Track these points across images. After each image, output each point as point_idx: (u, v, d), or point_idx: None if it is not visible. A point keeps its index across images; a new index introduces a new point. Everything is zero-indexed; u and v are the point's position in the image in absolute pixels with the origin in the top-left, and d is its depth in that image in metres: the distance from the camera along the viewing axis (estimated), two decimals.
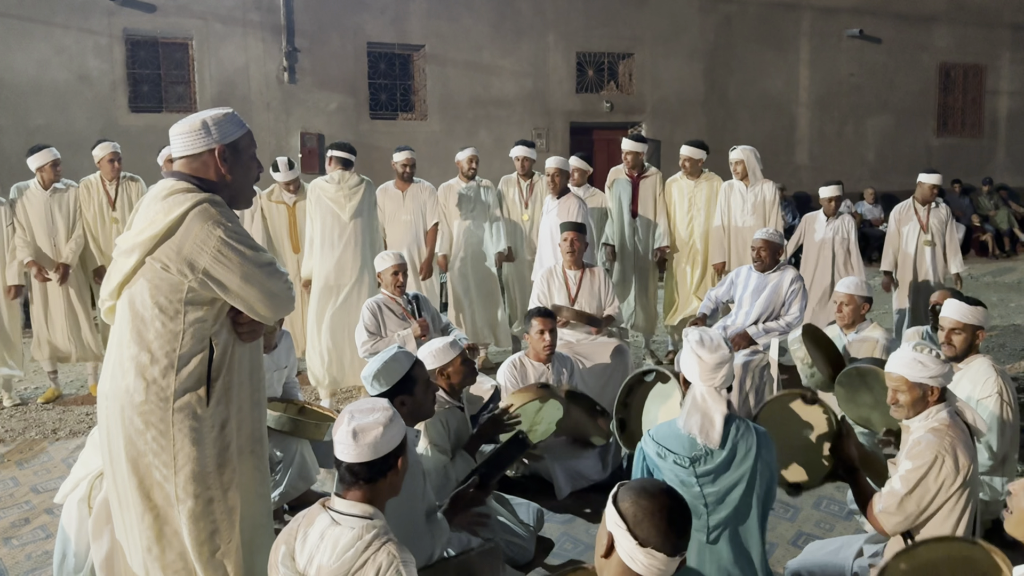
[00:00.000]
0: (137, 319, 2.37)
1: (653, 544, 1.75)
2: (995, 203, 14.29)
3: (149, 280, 2.35)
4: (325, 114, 11.21)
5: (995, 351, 7.28)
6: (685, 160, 6.86)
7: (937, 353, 2.93)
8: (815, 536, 3.86)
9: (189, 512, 2.41)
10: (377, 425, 2.22)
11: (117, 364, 2.41)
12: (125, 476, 2.43)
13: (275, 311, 2.52)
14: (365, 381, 3.10)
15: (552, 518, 4.08)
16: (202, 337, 2.40)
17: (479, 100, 12.11)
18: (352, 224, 5.83)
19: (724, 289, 5.76)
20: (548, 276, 5.61)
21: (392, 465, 2.25)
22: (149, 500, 2.42)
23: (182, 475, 2.39)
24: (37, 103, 9.78)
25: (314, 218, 5.89)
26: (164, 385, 2.36)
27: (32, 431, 5.54)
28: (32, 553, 3.84)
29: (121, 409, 2.39)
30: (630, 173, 6.91)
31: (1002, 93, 15.84)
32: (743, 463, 2.73)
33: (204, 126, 2.42)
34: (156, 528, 2.43)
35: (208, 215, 2.35)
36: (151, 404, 2.36)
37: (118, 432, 2.41)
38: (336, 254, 5.82)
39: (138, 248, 2.35)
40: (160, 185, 2.44)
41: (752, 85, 13.80)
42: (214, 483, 2.44)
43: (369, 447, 2.20)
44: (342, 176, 5.87)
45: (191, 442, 2.39)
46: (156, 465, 2.39)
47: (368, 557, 2.12)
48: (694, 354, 2.75)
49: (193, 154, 2.44)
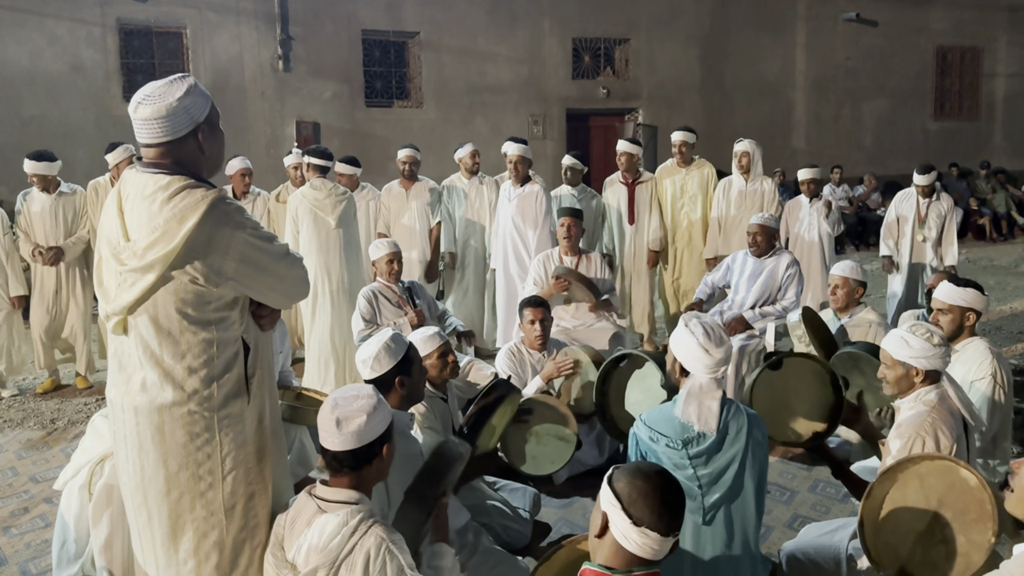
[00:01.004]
0: (164, 333, 2.23)
1: (647, 523, 1.76)
2: (993, 186, 14.28)
3: (173, 293, 2.20)
4: (320, 102, 11.17)
5: (992, 334, 7.30)
6: (680, 145, 6.87)
7: (930, 335, 2.95)
8: (811, 519, 3.87)
9: (236, 512, 2.33)
10: (360, 413, 2.22)
11: (145, 379, 2.26)
12: (157, 495, 2.29)
13: (296, 298, 2.51)
14: (362, 365, 3.10)
15: (549, 503, 4.09)
16: (235, 338, 2.30)
17: (475, 87, 12.07)
18: (337, 232, 5.71)
19: (720, 274, 5.77)
20: (545, 260, 5.61)
21: (377, 452, 2.25)
22: (191, 513, 2.30)
23: (230, 478, 2.30)
24: (31, 94, 9.74)
25: (299, 226, 5.75)
26: (207, 395, 2.25)
27: (31, 421, 5.55)
28: (32, 542, 3.85)
29: (159, 425, 2.25)
30: (624, 179, 6.91)
31: (999, 76, 15.81)
32: (735, 443, 2.77)
33: (182, 107, 2.24)
34: (195, 541, 2.31)
35: (225, 217, 2.21)
36: (196, 415, 2.24)
37: (153, 448, 2.27)
38: (323, 259, 5.70)
39: (158, 264, 2.17)
40: (151, 181, 2.22)
41: (748, 70, 13.76)
42: (255, 478, 2.36)
43: (353, 435, 2.20)
44: (324, 183, 5.75)
45: (237, 444, 2.30)
46: (200, 475, 2.28)
47: (356, 542, 2.12)
48: (701, 348, 2.75)
49: (175, 140, 2.26)
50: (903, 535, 2.66)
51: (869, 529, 2.68)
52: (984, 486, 2.53)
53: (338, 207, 5.71)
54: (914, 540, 2.65)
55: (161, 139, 2.24)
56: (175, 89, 2.25)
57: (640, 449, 2.82)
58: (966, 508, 2.57)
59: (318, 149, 5.95)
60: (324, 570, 2.11)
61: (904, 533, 2.66)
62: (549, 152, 12.18)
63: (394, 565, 2.12)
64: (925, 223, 6.78)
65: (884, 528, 2.68)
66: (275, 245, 2.34)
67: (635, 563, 1.79)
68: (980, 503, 2.53)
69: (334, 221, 5.70)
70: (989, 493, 2.51)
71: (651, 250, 6.93)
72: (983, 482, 2.55)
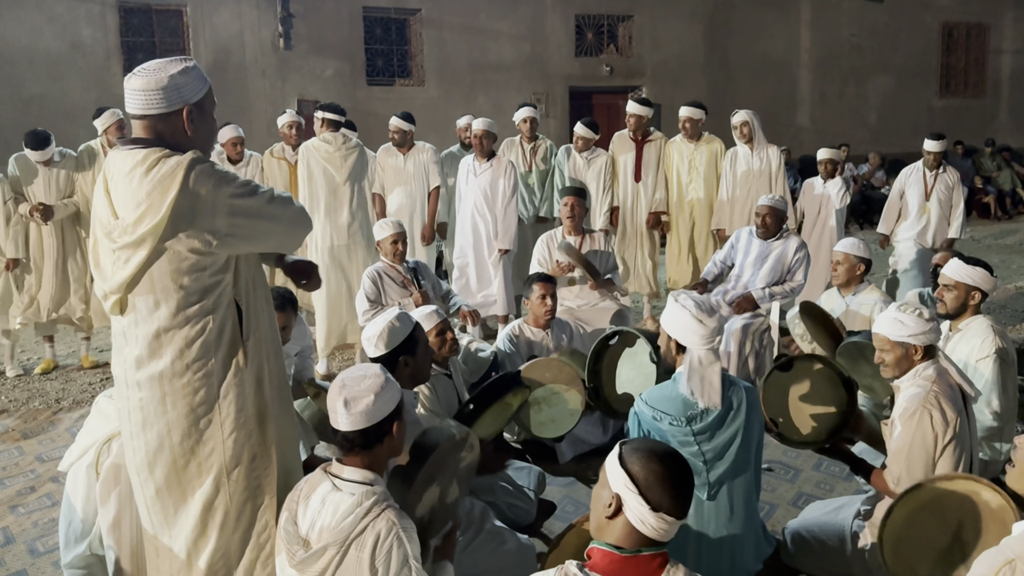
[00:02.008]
0: (159, 304, 2.25)
1: (666, 508, 1.76)
2: (998, 164, 14.20)
3: (168, 264, 2.22)
4: (321, 80, 11.10)
5: (996, 312, 7.28)
6: (685, 121, 6.79)
7: (920, 312, 2.95)
8: (815, 497, 3.88)
9: (238, 476, 2.37)
10: (368, 392, 2.23)
11: (145, 353, 2.30)
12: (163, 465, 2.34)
13: (299, 235, 2.51)
14: (367, 343, 3.10)
15: (553, 482, 4.11)
16: (228, 303, 2.33)
17: (477, 65, 11.98)
18: (347, 186, 5.80)
19: (725, 252, 5.74)
20: (549, 240, 5.59)
21: (387, 431, 2.25)
22: (198, 479, 2.34)
23: (230, 441, 2.34)
24: (31, 73, 9.69)
25: (306, 180, 5.83)
26: (205, 362, 2.29)
27: (36, 401, 5.57)
28: (39, 520, 3.87)
29: (160, 397, 2.30)
30: (634, 137, 6.86)
31: (1005, 52, 15.67)
32: (736, 418, 2.81)
33: (174, 84, 2.23)
34: (202, 507, 2.36)
35: (204, 177, 2.20)
36: (196, 383, 2.29)
37: (156, 420, 2.31)
38: (332, 215, 5.80)
39: (147, 237, 2.18)
40: (128, 157, 2.22)
41: (753, 47, 13.66)
42: (257, 441, 2.40)
43: (362, 415, 2.21)
44: (335, 137, 5.82)
45: (237, 408, 2.34)
46: (204, 441, 2.32)
47: (368, 523, 2.13)
48: (694, 319, 2.79)
49: (161, 114, 2.24)
50: (923, 553, 2.65)
51: (888, 547, 2.66)
52: (1008, 506, 2.52)
53: (348, 159, 5.77)
54: (934, 558, 2.65)
55: (146, 111, 2.24)
56: (172, 66, 2.27)
57: (643, 429, 2.84)
58: (987, 528, 2.57)
59: (331, 104, 6.00)
60: (335, 548, 2.13)
61: (924, 551, 2.65)
62: (552, 130, 12.11)
63: (400, 553, 2.12)
64: (932, 196, 6.72)
65: (904, 546, 2.67)
66: (260, 192, 2.34)
67: (645, 543, 1.79)
68: (1002, 523, 2.52)
69: (343, 176, 5.77)
70: (1012, 512, 2.50)
71: (652, 212, 6.90)
72: (1007, 501, 2.53)
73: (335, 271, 5.83)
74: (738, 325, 5.15)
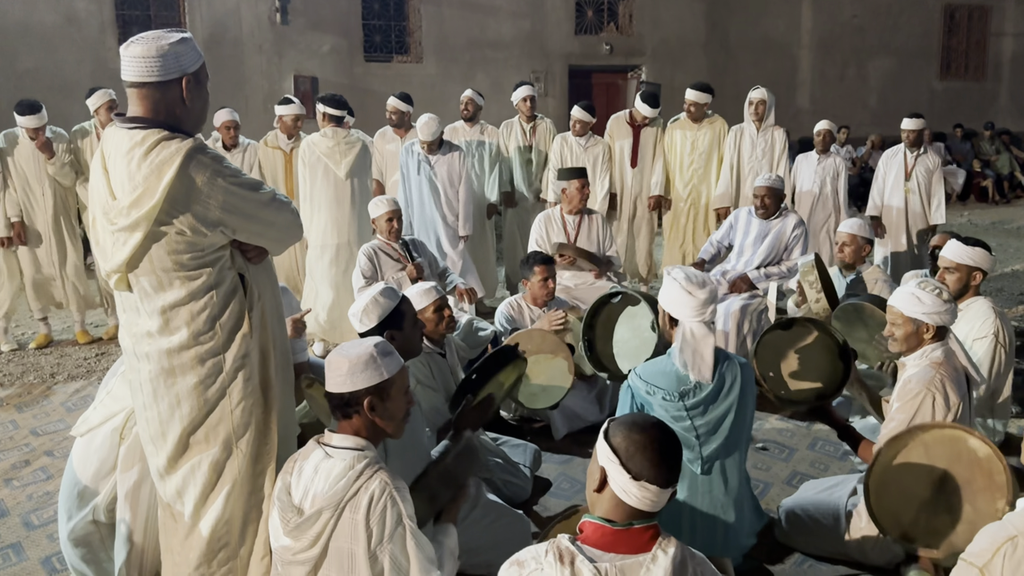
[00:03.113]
0: (163, 282, 2.28)
1: (647, 477, 1.76)
2: (996, 148, 14.16)
3: (165, 244, 2.23)
4: (318, 56, 11.01)
5: (993, 295, 7.28)
6: (690, 104, 6.68)
7: (940, 291, 2.94)
8: (810, 476, 3.89)
9: (245, 445, 2.40)
10: (358, 357, 2.24)
11: (152, 327, 2.32)
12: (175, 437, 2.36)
13: (287, 242, 2.52)
14: (353, 318, 3.09)
15: (549, 458, 4.11)
16: (232, 276, 2.36)
17: (476, 42, 11.89)
18: (348, 183, 5.67)
19: (723, 232, 5.71)
20: (547, 220, 5.57)
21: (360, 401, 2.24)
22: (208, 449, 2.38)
23: (239, 411, 2.37)
24: (25, 46, 9.58)
25: (306, 176, 5.71)
26: (211, 335, 2.32)
27: (31, 375, 5.55)
28: (33, 494, 3.87)
29: (169, 369, 2.33)
30: (631, 122, 6.81)
31: (1007, 35, 15.59)
32: (730, 393, 2.82)
33: (174, 53, 2.21)
34: (211, 476, 2.40)
35: (202, 166, 2.21)
36: (203, 356, 2.32)
37: (166, 392, 2.35)
38: (332, 212, 5.67)
39: (142, 222, 2.18)
40: (127, 137, 2.21)
41: (754, 26, 13.56)
42: (259, 409, 2.43)
43: (341, 379, 2.24)
44: (336, 132, 5.68)
45: (244, 378, 2.37)
46: (212, 411, 2.36)
47: (360, 485, 2.15)
48: (685, 291, 2.81)
49: (159, 82, 2.21)
50: (907, 502, 2.67)
51: (874, 494, 2.68)
52: (996, 456, 2.53)
53: (348, 155, 5.65)
54: (918, 507, 2.66)
55: (147, 78, 2.21)
56: (170, 36, 2.25)
57: (636, 402, 2.86)
58: (973, 478, 2.58)
59: (332, 97, 5.84)
60: (329, 512, 2.14)
61: (908, 500, 2.67)
62: (551, 109, 12.03)
63: (394, 512, 2.14)
64: (912, 176, 6.67)
65: (888, 494, 2.69)
66: (259, 193, 2.35)
67: (634, 516, 1.79)
68: (989, 474, 2.53)
69: (344, 172, 5.65)
70: (1001, 463, 2.51)
71: (652, 195, 6.86)
72: (995, 451, 2.54)
73: (338, 267, 5.72)
74: (737, 305, 5.14)
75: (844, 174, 6.86)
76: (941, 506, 2.62)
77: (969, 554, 1.79)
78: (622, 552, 1.75)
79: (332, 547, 2.15)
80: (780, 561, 3.20)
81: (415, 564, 2.15)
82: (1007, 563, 1.72)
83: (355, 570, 2.14)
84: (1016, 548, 1.73)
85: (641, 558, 1.74)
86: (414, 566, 2.15)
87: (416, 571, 2.15)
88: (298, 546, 2.18)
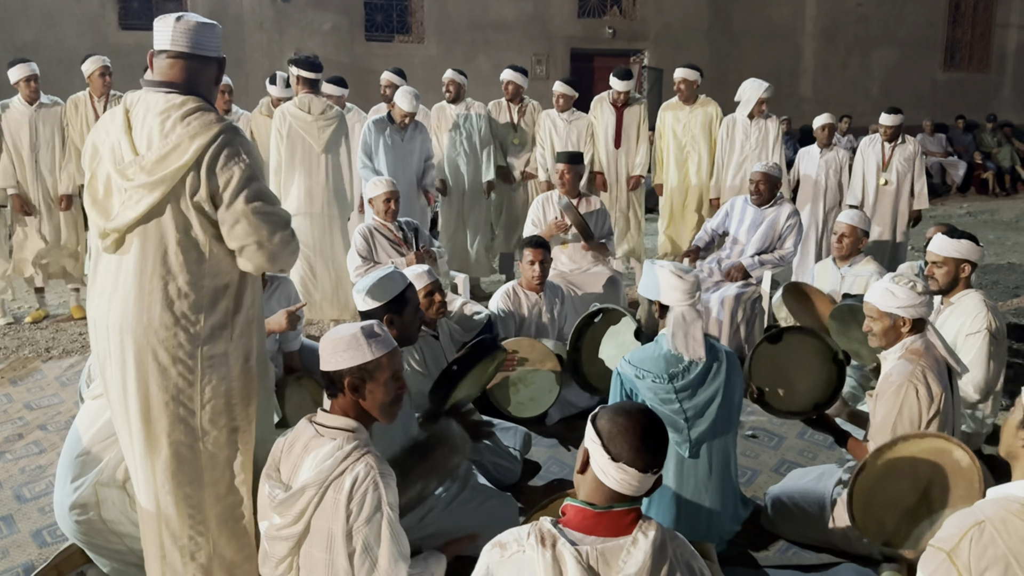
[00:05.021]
0: (162, 252, 2.25)
1: (625, 459, 1.78)
2: (998, 140, 14.12)
3: (177, 212, 2.23)
4: (319, 34, 10.96)
5: (988, 288, 7.29)
6: (680, 83, 6.69)
7: (913, 284, 2.96)
8: (798, 464, 3.91)
9: (213, 441, 2.37)
10: (348, 335, 2.26)
11: (135, 296, 2.27)
12: (137, 413, 2.33)
13: (265, 264, 2.35)
14: (357, 295, 3.11)
15: (540, 442, 4.13)
16: (227, 271, 2.33)
17: (478, 23, 11.83)
18: (324, 157, 5.56)
19: (719, 220, 5.72)
20: (544, 202, 5.56)
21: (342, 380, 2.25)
22: (169, 437, 2.34)
23: (208, 408, 2.34)
24: (25, 19, 9.54)
25: (280, 146, 5.56)
26: (193, 320, 2.28)
27: (26, 349, 5.57)
28: (26, 467, 3.89)
29: (143, 344, 2.28)
30: (614, 102, 6.79)
31: (1012, 26, 15.51)
32: (717, 377, 2.93)
33: (218, 35, 2.35)
34: (173, 465, 2.36)
35: (234, 146, 2.23)
36: (180, 339, 2.27)
37: (135, 367, 2.30)
38: (307, 182, 5.55)
39: (166, 180, 2.18)
40: (163, 99, 2.23)
41: (758, 13, 13.49)
42: (240, 415, 2.40)
43: (325, 357, 2.26)
44: (312, 103, 5.53)
45: (219, 376, 2.33)
46: (181, 401, 2.32)
47: (346, 466, 2.16)
48: (675, 276, 2.97)
49: (205, 56, 2.31)
50: (891, 510, 2.70)
51: (859, 503, 2.70)
52: (975, 466, 2.55)
53: (326, 131, 5.53)
54: (901, 515, 2.69)
55: (197, 51, 2.29)
56: (202, 19, 2.34)
57: (625, 388, 2.93)
58: (955, 486, 2.60)
59: (307, 59, 5.65)
60: (313, 489, 2.15)
61: (892, 508, 2.70)
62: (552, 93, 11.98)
63: (375, 496, 2.14)
64: (889, 167, 6.70)
65: (873, 502, 2.71)
66: (276, 210, 2.33)
67: (616, 499, 1.81)
68: (969, 482, 2.55)
69: (320, 146, 5.54)
70: (979, 472, 2.53)
71: (634, 175, 6.83)
72: (975, 461, 2.56)
73: (314, 238, 5.64)
74: (731, 293, 5.15)
75: (847, 167, 6.87)
76: (923, 513, 2.66)
77: (937, 539, 1.81)
78: (603, 535, 1.78)
79: (314, 525, 2.17)
80: (765, 548, 3.22)
81: (384, 553, 2.15)
82: (973, 547, 1.74)
83: (334, 549, 2.16)
84: (983, 533, 1.75)
85: (622, 541, 1.77)
86: (383, 555, 2.15)
87: (385, 560, 2.15)
88: (282, 522, 2.20)
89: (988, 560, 1.73)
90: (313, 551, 2.19)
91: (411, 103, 5.95)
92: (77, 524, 2.76)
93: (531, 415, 4.04)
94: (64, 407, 4.57)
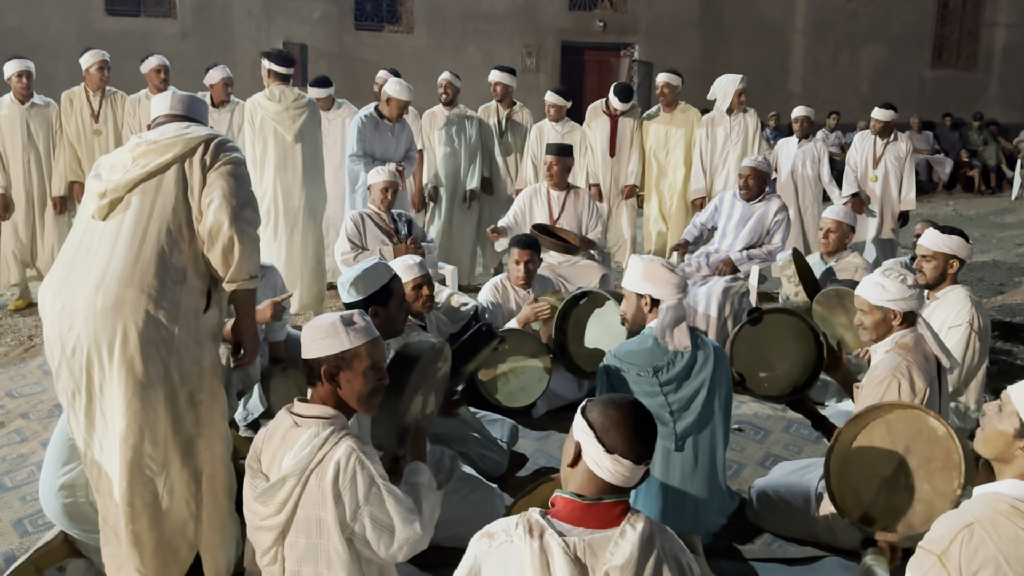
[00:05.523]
0: (151, 226, 2.34)
1: (620, 451, 1.78)
2: (984, 138, 14.21)
3: (174, 189, 2.38)
4: (308, 23, 10.88)
5: (973, 284, 7.34)
6: (663, 87, 6.68)
7: (904, 278, 2.98)
8: (783, 458, 3.93)
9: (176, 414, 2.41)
10: (328, 324, 2.26)
11: (111, 273, 2.29)
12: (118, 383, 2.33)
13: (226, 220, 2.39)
14: (341, 287, 3.09)
15: (527, 434, 4.13)
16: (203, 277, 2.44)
17: (468, 14, 11.78)
18: (297, 147, 5.46)
19: (708, 215, 5.73)
20: (532, 195, 5.55)
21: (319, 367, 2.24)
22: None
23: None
24: (9, 3, 9.42)
25: (253, 140, 5.48)
26: (168, 294, 2.32)
27: (8, 337, 5.51)
28: (7, 456, 3.85)
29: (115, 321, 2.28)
30: (607, 111, 6.77)
31: (999, 25, 15.60)
32: (702, 370, 2.95)
33: None
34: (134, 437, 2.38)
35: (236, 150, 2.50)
36: (154, 315, 2.30)
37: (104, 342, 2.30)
38: (280, 176, 5.47)
39: (178, 144, 2.39)
40: None
41: (748, 9, 13.50)
42: (206, 386, 2.45)
43: (305, 344, 2.27)
44: (283, 93, 5.44)
45: (194, 342, 2.40)
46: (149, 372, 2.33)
47: (326, 452, 2.14)
48: (666, 270, 3.01)
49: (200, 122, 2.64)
50: (868, 480, 2.70)
51: (834, 473, 2.71)
52: (952, 436, 2.56)
53: (297, 120, 5.43)
54: (878, 486, 2.69)
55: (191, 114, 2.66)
56: None
57: (610, 381, 2.94)
58: (932, 456, 2.60)
59: (279, 53, 5.57)
60: (294, 479, 2.14)
61: (869, 478, 2.70)
62: (542, 86, 11.93)
63: (365, 475, 2.14)
64: (879, 164, 6.73)
65: (849, 472, 2.72)
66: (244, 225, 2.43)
67: (606, 491, 1.81)
68: (947, 452, 2.56)
69: (292, 136, 5.44)
70: (956, 443, 2.54)
71: (627, 184, 6.83)
72: (951, 431, 2.57)
73: (286, 236, 5.58)
74: (719, 288, 5.16)
75: (826, 159, 6.89)
76: (900, 484, 2.66)
77: (927, 541, 1.81)
78: (591, 527, 1.78)
79: (300, 514, 2.16)
80: (750, 541, 3.23)
81: (397, 518, 2.16)
82: (964, 549, 1.75)
83: (324, 535, 2.15)
84: (973, 535, 1.76)
85: (610, 533, 1.77)
86: (396, 520, 2.16)
87: (399, 524, 2.16)
88: (265, 511, 2.19)
89: (979, 562, 1.73)
90: (299, 539, 2.18)
91: (408, 92, 5.90)
92: (64, 506, 2.76)
93: (521, 405, 4.03)
94: (47, 395, 4.53)
